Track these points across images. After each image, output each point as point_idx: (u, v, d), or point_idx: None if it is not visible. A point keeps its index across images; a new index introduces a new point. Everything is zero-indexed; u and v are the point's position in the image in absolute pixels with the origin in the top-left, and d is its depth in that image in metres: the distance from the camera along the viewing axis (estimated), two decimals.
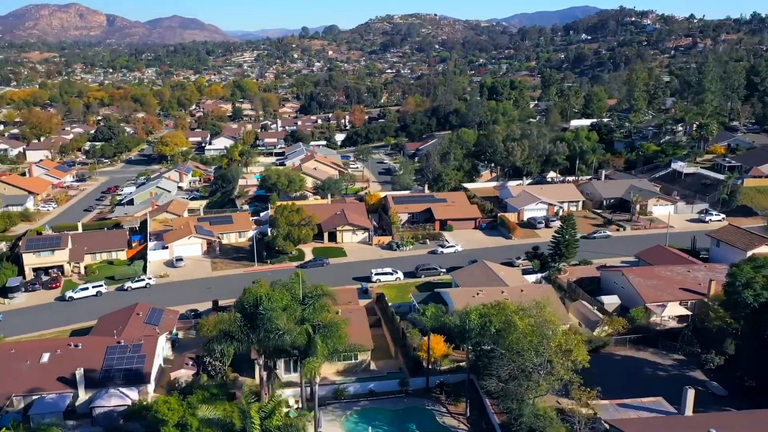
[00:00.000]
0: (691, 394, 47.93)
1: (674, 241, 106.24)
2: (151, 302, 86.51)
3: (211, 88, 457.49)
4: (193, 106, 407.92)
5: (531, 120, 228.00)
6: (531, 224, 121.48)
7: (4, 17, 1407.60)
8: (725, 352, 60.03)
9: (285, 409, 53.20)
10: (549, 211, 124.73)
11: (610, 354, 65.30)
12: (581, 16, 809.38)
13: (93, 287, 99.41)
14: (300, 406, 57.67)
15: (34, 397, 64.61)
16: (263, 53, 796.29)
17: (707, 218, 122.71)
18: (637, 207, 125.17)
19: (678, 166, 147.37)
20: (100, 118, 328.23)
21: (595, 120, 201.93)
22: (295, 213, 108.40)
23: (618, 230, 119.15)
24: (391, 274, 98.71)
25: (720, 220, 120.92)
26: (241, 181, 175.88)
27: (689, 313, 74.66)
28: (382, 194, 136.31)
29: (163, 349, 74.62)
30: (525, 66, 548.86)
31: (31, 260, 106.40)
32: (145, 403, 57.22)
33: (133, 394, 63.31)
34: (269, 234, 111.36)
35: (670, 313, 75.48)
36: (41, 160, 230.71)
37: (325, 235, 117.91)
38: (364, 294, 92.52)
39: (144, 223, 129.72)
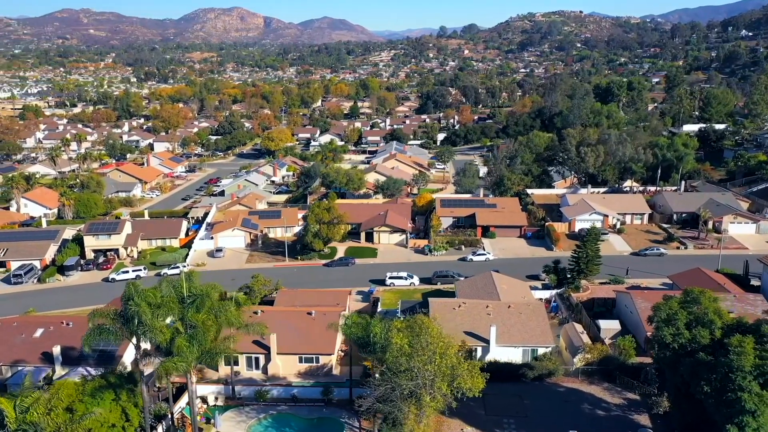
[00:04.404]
0: None
1: (735, 265, 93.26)
2: None
3: (336, 87, 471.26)
4: (318, 103, 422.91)
5: (643, 124, 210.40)
6: (581, 236, 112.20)
7: (177, 21, 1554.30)
8: None
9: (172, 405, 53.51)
10: (604, 222, 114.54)
11: (554, 384, 58.50)
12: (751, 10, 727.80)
13: (133, 271, 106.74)
14: (218, 403, 57.96)
15: (20, 368, 70.96)
16: (400, 53, 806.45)
17: None
18: (709, 223, 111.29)
19: None
20: (227, 113, 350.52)
21: (704, 125, 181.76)
22: (325, 211, 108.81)
23: (678, 248, 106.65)
24: (406, 279, 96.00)
25: None
26: None
27: None
28: (433, 196, 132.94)
29: None
30: (669, 65, 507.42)
31: (90, 242, 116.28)
32: None
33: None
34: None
35: None
36: (165, 151, 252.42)
37: (362, 234, 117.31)
38: (369, 297, 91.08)
39: (207, 214, 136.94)
